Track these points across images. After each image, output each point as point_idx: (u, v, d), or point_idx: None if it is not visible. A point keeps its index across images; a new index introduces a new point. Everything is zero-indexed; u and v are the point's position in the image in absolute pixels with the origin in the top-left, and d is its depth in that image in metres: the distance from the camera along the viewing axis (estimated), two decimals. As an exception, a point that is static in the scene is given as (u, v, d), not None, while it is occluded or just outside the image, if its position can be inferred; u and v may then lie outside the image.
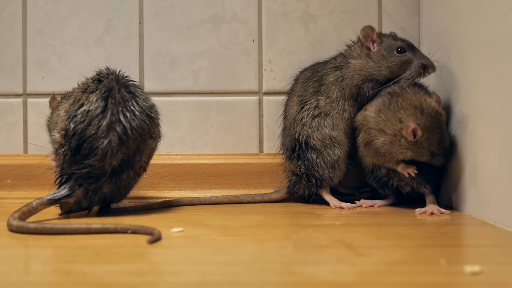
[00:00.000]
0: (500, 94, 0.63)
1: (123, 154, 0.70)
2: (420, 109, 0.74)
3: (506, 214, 0.61)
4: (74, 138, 0.69)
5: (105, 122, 0.69)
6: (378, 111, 0.77)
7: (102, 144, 0.69)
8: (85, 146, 0.69)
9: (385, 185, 0.82)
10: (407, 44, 0.81)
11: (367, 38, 0.82)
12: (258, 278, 0.43)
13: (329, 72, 0.83)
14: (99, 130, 0.69)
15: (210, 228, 0.66)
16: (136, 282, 0.43)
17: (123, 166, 0.71)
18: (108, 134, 0.69)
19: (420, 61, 0.79)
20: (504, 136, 0.62)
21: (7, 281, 0.44)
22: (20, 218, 0.64)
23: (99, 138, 0.69)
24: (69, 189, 0.70)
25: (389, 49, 0.81)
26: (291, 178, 0.85)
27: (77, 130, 0.69)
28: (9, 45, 0.97)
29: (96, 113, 0.70)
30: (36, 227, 0.61)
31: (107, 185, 0.71)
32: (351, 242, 0.56)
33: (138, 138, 0.71)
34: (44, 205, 0.69)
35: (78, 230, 0.61)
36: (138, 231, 0.60)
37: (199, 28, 0.96)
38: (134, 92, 0.73)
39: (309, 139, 0.82)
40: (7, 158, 0.95)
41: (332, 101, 0.82)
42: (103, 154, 0.69)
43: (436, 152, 0.74)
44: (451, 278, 0.43)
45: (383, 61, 0.81)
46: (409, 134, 0.73)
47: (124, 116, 0.70)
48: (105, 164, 0.69)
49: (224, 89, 0.96)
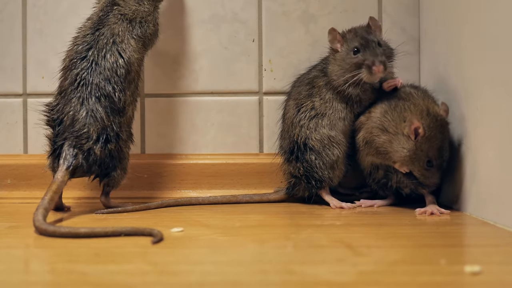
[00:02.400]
0: (500, 94, 0.63)
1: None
2: (426, 111, 0.74)
3: (506, 214, 0.61)
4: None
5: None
6: (384, 112, 0.77)
7: (81, 115, 0.75)
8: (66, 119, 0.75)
9: (384, 186, 0.82)
10: (363, 42, 0.79)
11: (333, 41, 0.82)
12: (258, 278, 0.43)
13: (318, 75, 0.84)
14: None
15: (210, 228, 0.66)
16: (136, 282, 0.43)
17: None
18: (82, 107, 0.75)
19: (366, 62, 0.77)
20: (504, 136, 0.62)
21: (7, 281, 0.44)
22: (46, 210, 0.66)
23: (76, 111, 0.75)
24: (69, 154, 0.73)
25: (348, 50, 0.80)
26: (290, 180, 0.85)
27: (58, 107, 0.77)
28: (9, 45, 0.97)
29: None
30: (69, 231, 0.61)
31: (98, 148, 0.74)
32: (351, 242, 0.56)
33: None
34: (63, 182, 0.72)
35: (99, 234, 0.60)
36: (138, 233, 0.60)
37: (199, 28, 0.96)
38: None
39: (307, 140, 0.82)
40: (7, 158, 0.95)
41: (325, 101, 0.82)
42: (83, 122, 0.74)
43: (434, 160, 0.73)
44: (451, 278, 0.43)
45: (343, 63, 0.80)
46: (411, 131, 0.73)
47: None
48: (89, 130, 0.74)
49: (224, 89, 0.96)
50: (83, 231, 0.60)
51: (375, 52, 0.78)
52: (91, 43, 0.77)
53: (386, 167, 0.81)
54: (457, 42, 0.76)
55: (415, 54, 0.93)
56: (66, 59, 0.78)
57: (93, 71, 0.76)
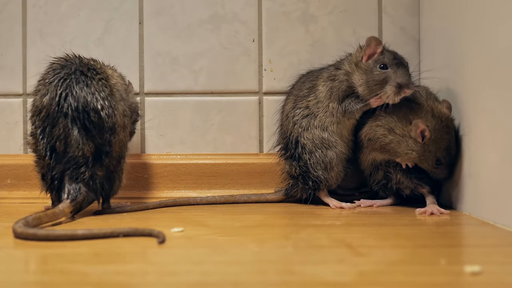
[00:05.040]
0: (500, 94, 0.63)
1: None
2: (431, 113, 0.75)
3: (506, 214, 0.61)
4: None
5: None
6: (389, 111, 0.77)
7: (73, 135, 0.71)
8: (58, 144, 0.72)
9: (384, 187, 0.83)
10: (395, 62, 0.77)
11: (368, 48, 0.78)
12: (258, 278, 0.43)
13: (323, 76, 0.82)
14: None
15: (210, 228, 0.66)
16: (136, 282, 0.43)
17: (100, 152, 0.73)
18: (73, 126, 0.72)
19: (397, 80, 0.75)
20: (504, 136, 0.62)
21: (7, 281, 0.44)
22: (28, 223, 0.62)
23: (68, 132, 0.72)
24: (72, 187, 0.71)
25: (375, 64, 0.77)
26: (288, 181, 0.85)
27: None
28: (9, 45, 0.97)
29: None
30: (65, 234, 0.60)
31: (98, 168, 0.72)
32: (351, 242, 0.56)
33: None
34: (62, 212, 0.69)
35: (99, 235, 0.59)
36: (137, 233, 0.60)
37: (199, 28, 0.96)
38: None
39: (299, 138, 0.82)
40: (7, 158, 0.95)
41: (318, 101, 0.81)
42: (77, 143, 0.71)
43: (442, 159, 0.75)
44: (451, 278, 0.43)
45: (364, 75, 0.78)
46: (418, 134, 0.74)
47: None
48: (84, 151, 0.71)
49: (224, 89, 0.96)
50: (80, 233, 0.59)
51: (404, 73, 0.76)
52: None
53: (385, 168, 0.81)
54: (457, 42, 0.76)
55: (415, 54, 0.94)
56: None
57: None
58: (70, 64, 0.75)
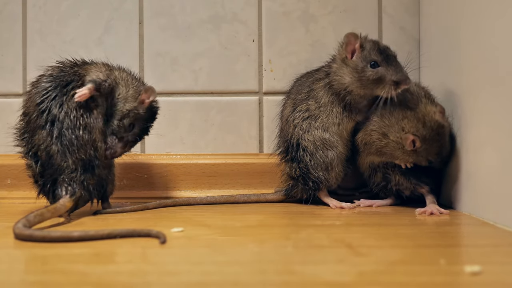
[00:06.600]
0: (499, 94, 0.63)
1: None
2: (423, 122, 0.75)
3: (506, 214, 0.61)
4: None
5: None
6: (381, 115, 0.78)
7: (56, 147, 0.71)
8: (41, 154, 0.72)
9: (384, 189, 0.83)
10: (384, 57, 0.76)
11: (348, 45, 0.79)
12: (258, 278, 0.43)
13: (320, 77, 0.83)
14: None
15: (210, 228, 0.66)
16: (136, 282, 0.43)
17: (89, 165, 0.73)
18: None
19: (391, 78, 0.75)
20: (504, 136, 0.62)
21: (7, 281, 0.44)
22: (29, 222, 0.62)
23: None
24: (69, 186, 0.71)
25: (364, 61, 0.77)
26: (288, 182, 0.85)
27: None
28: (9, 45, 0.97)
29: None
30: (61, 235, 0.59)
31: (89, 177, 0.72)
32: (351, 242, 0.56)
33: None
34: (63, 207, 0.69)
35: (101, 236, 0.59)
36: (134, 234, 0.59)
37: (199, 28, 0.96)
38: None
39: (300, 140, 0.82)
40: (7, 158, 0.95)
41: (320, 105, 0.81)
42: (60, 157, 0.71)
43: (433, 160, 0.77)
44: (451, 278, 0.43)
45: (356, 74, 0.78)
46: (408, 144, 0.75)
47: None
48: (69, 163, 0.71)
49: (224, 89, 0.96)
50: (76, 235, 0.57)
51: (397, 69, 0.76)
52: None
53: (384, 170, 0.81)
54: (456, 42, 0.76)
55: (415, 53, 0.94)
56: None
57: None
58: (62, 75, 0.74)
